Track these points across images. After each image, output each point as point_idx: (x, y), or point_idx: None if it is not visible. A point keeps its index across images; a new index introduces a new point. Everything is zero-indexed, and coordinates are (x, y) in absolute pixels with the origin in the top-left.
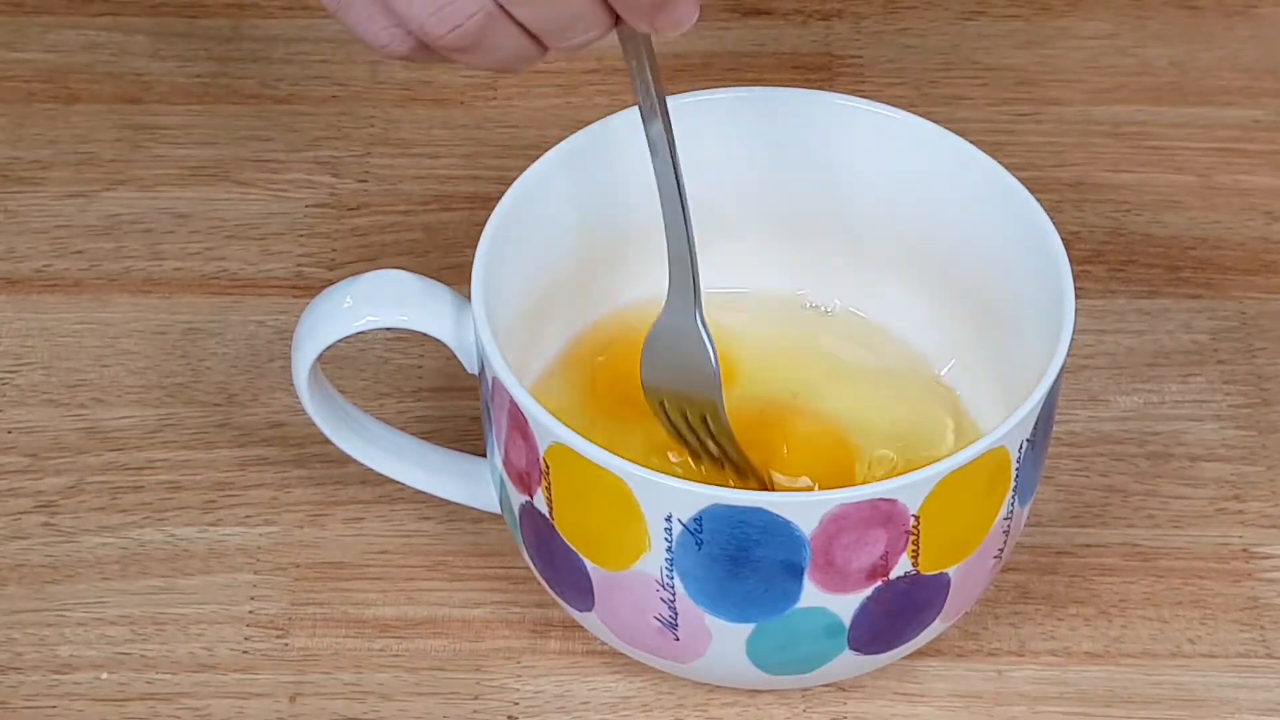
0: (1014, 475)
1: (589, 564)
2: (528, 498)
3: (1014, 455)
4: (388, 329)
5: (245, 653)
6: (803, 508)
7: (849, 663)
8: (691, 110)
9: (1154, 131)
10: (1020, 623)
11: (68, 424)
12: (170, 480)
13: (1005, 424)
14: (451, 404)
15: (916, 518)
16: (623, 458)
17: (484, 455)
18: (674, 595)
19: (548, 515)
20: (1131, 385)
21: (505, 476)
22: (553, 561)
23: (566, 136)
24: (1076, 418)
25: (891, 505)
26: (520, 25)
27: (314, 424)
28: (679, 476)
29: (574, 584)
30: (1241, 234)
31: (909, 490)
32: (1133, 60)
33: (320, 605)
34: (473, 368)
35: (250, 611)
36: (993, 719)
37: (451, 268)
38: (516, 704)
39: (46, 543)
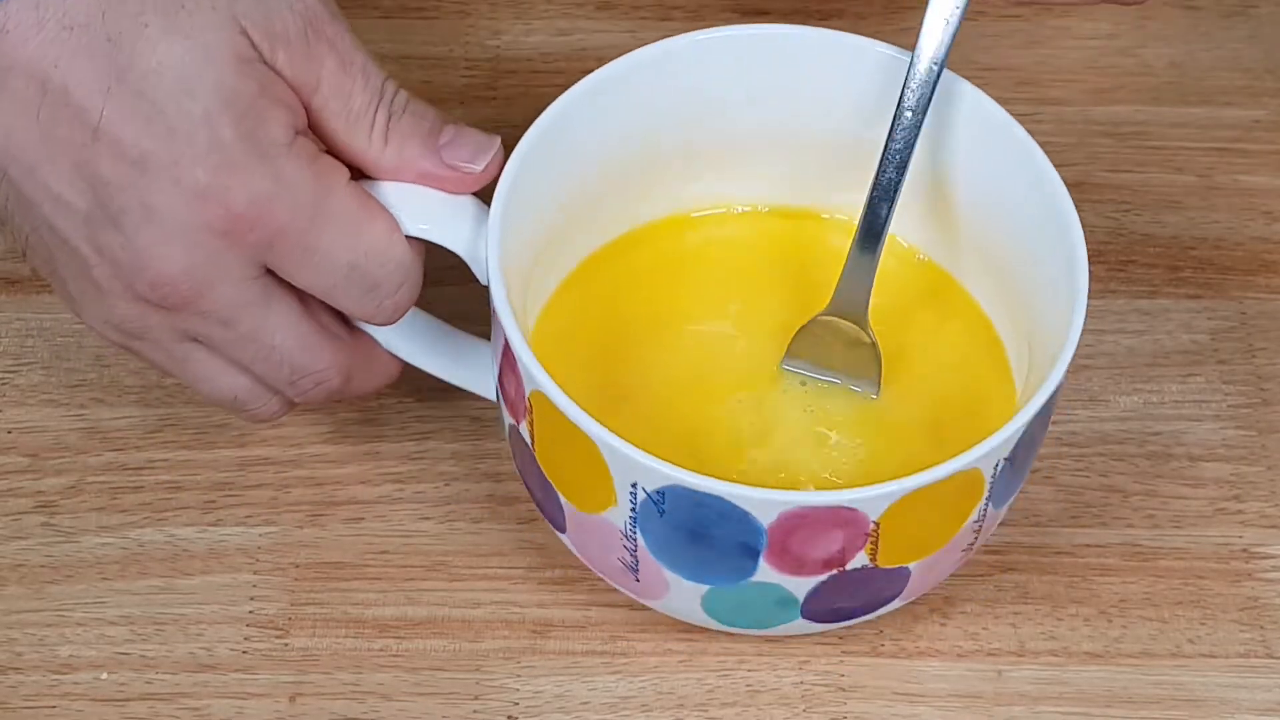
0: (988, 489)
1: (563, 499)
2: (515, 423)
3: (989, 474)
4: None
5: (245, 653)
6: (760, 503)
7: (803, 627)
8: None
9: (1154, 131)
10: (1020, 623)
11: (68, 424)
12: (170, 480)
13: (979, 447)
14: (452, 404)
15: (876, 524)
16: (597, 419)
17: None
18: (635, 546)
19: (530, 447)
20: (1131, 385)
21: (500, 395)
22: (533, 485)
23: None
24: (1076, 418)
25: (851, 512)
26: None
27: (314, 424)
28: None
29: (551, 509)
30: (1241, 234)
31: (870, 502)
32: (1132, 60)
33: (320, 605)
34: (485, 280)
35: (250, 611)
36: (993, 719)
37: (453, 267)
38: (516, 704)
39: (46, 543)
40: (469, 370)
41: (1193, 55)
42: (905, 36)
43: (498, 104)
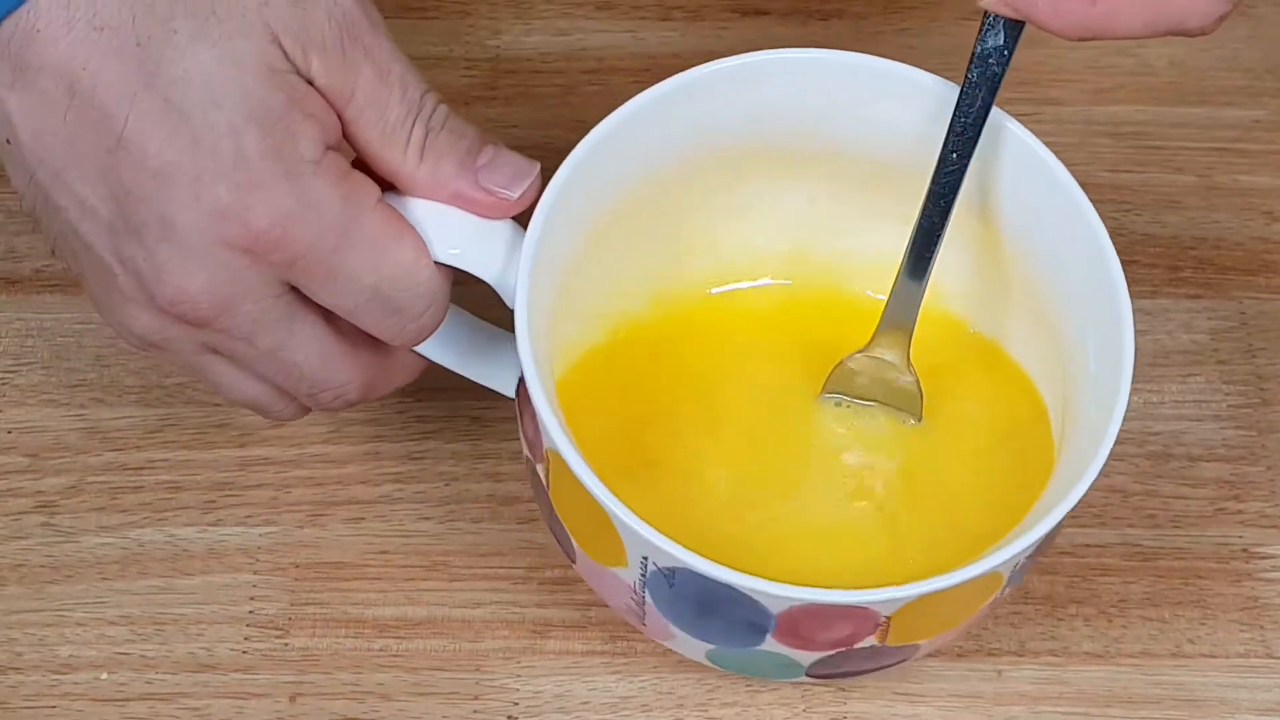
0: (1006, 581)
1: (575, 542)
2: (532, 459)
3: (1008, 572)
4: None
5: (245, 653)
6: (771, 597)
7: (805, 683)
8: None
9: (1154, 131)
10: (1020, 623)
11: (68, 424)
12: (170, 480)
13: (1000, 554)
14: (452, 404)
15: (888, 618)
16: (616, 493)
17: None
18: (643, 602)
19: (546, 489)
20: (1131, 385)
21: (520, 425)
22: (545, 514)
23: (566, 137)
24: None
25: (863, 610)
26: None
27: (314, 424)
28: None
29: (563, 543)
30: (1241, 234)
31: (882, 604)
32: (1133, 60)
33: (320, 605)
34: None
35: (250, 611)
36: (993, 719)
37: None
38: (516, 704)
39: (46, 543)
40: (500, 372)
41: (1193, 55)
42: (905, 37)
43: (498, 104)
